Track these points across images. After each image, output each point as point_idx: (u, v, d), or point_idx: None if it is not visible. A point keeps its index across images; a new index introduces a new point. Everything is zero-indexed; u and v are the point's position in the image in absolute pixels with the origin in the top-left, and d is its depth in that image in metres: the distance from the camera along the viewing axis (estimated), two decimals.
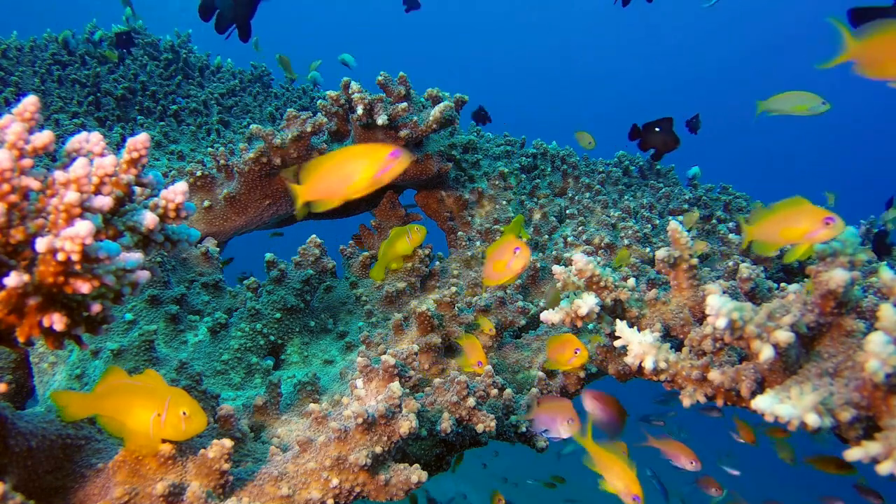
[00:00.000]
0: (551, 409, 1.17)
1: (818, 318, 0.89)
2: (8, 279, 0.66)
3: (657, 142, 2.22)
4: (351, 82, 1.72)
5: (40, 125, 0.72)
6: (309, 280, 1.52)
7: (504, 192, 2.04)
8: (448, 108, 1.72)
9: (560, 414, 1.15)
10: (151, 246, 0.82)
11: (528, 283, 1.73)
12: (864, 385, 0.79)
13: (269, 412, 1.19)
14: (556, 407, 1.17)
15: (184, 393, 0.89)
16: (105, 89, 2.51)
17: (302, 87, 3.01)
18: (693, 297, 1.10)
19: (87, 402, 0.88)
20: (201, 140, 2.46)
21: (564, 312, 1.08)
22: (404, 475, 0.93)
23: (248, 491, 0.91)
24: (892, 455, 0.74)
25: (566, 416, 1.15)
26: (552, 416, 1.16)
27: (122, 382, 0.87)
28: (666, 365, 0.98)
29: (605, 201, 2.07)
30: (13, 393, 1.36)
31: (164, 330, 1.38)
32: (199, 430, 0.88)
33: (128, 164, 0.79)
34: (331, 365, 1.48)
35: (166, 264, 1.51)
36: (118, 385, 0.87)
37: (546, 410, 1.17)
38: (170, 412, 0.86)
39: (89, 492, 0.89)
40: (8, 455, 0.82)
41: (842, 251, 0.92)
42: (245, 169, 1.68)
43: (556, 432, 1.15)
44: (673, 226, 1.10)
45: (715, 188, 2.41)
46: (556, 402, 1.18)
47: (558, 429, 1.15)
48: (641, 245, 1.80)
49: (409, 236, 1.62)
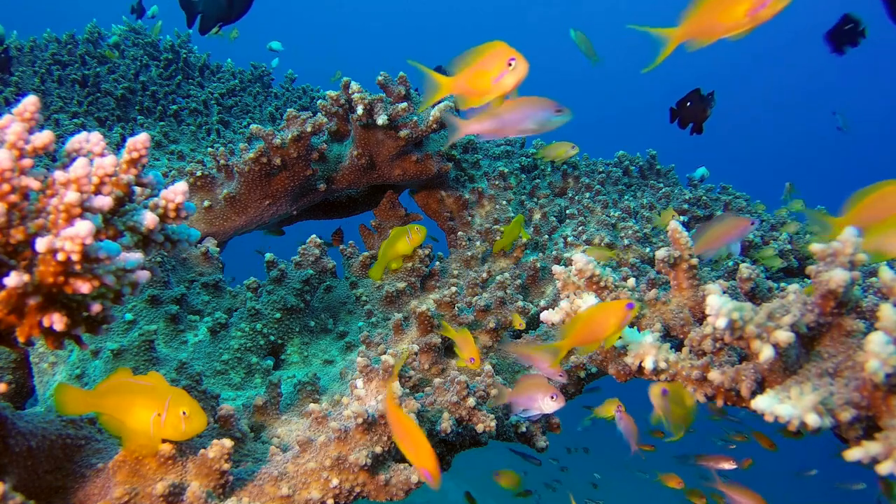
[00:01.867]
0: (528, 387, 1.14)
1: (818, 318, 0.89)
2: (8, 279, 0.66)
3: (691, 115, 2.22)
4: (351, 82, 1.72)
5: (40, 125, 0.72)
6: (309, 280, 1.52)
7: (504, 192, 2.04)
8: (448, 107, 1.72)
9: (540, 390, 1.13)
10: (151, 246, 0.82)
11: (528, 283, 1.73)
12: (864, 385, 0.79)
13: (269, 412, 1.19)
14: (534, 384, 1.14)
15: (184, 393, 0.89)
16: (105, 89, 2.51)
17: (302, 88, 3.01)
18: (693, 296, 1.10)
19: (88, 400, 0.88)
20: (201, 140, 2.46)
21: (564, 312, 1.08)
22: (404, 475, 0.93)
23: (248, 491, 0.91)
24: (892, 455, 0.73)
25: (547, 391, 1.12)
26: (531, 395, 1.13)
27: (124, 381, 0.87)
28: (666, 365, 0.98)
29: (605, 201, 2.07)
30: (13, 393, 1.36)
31: (164, 330, 1.38)
32: (199, 431, 0.88)
33: (128, 164, 0.79)
34: (331, 365, 1.48)
35: (166, 264, 1.51)
36: (120, 384, 0.87)
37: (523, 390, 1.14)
38: (170, 412, 0.86)
39: (89, 492, 0.89)
40: (8, 455, 0.82)
41: (842, 251, 0.92)
42: (245, 169, 1.68)
43: (538, 408, 1.12)
44: (673, 226, 1.10)
45: (715, 188, 2.41)
46: (532, 380, 1.15)
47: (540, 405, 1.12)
48: (641, 245, 1.80)
49: (409, 236, 1.62)
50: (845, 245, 0.89)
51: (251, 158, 1.66)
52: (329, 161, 1.83)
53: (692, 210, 2.11)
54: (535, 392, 1.13)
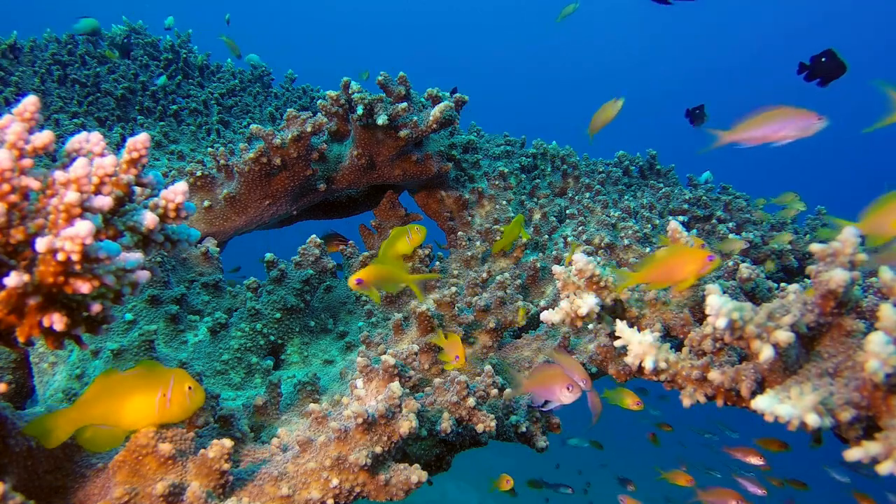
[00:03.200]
0: (545, 378, 1.11)
1: (818, 318, 0.89)
2: (8, 279, 0.66)
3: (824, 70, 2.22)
4: (351, 82, 1.72)
5: (40, 125, 0.72)
6: (309, 280, 1.52)
7: (504, 192, 2.04)
8: (448, 108, 1.72)
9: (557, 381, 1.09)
10: (151, 246, 0.82)
11: (528, 283, 1.73)
12: (864, 385, 0.79)
13: (269, 412, 1.19)
14: (550, 375, 1.11)
15: (183, 371, 0.91)
16: (105, 89, 2.51)
17: (302, 88, 3.01)
18: (693, 297, 1.10)
19: (71, 416, 0.84)
20: (201, 140, 2.46)
21: (564, 312, 1.08)
22: (404, 475, 0.93)
23: (248, 491, 0.91)
24: (892, 455, 0.73)
25: (564, 381, 1.08)
26: (548, 386, 1.10)
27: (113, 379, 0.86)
28: (666, 365, 0.98)
29: (605, 201, 2.07)
30: (13, 393, 1.36)
31: (164, 330, 1.38)
32: (201, 404, 0.91)
33: (128, 164, 0.79)
34: (331, 365, 1.48)
35: (166, 264, 1.51)
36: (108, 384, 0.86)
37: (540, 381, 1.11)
38: (175, 390, 0.87)
39: (89, 492, 0.89)
40: (8, 455, 0.82)
41: (842, 251, 0.92)
42: (245, 169, 1.68)
43: (557, 399, 1.09)
44: (673, 225, 1.10)
45: (715, 188, 2.41)
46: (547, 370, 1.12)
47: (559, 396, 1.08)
48: (641, 245, 1.80)
49: (409, 236, 1.62)
50: (845, 245, 0.89)
51: (251, 158, 1.66)
52: (329, 161, 1.83)
53: (692, 210, 2.11)
54: (552, 383, 1.09)
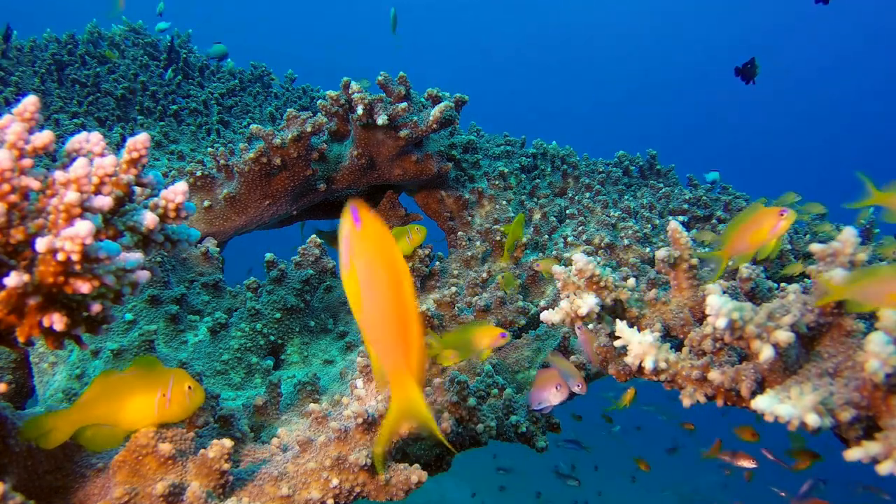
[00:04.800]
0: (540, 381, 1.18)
1: (818, 318, 0.89)
2: (8, 279, 0.66)
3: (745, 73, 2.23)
4: (351, 82, 1.72)
5: (40, 125, 0.72)
6: (309, 280, 1.52)
7: (504, 192, 2.04)
8: (448, 107, 1.72)
9: (548, 383, 1.16)
10: (151, 246, 0.82)
11: (528, 283, 1.73)
12: (864, 385, 0.79)
13: (269, 412, 1.19)
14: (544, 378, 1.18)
15: (183, 371, 0.90)
16: (105, 89, 2.51)
17: (302, 88, 3.01)
18: (693, 297, 1.10)
19: (71, 418, 0.84)
20: (201, 140, 2.46)
21: (564, 312, 1.08)
22: (404, 475, 0.93)
23: (248, 491, 0.91)
24: (892, 455, 0.73)
25: (553, 382, 1.15)
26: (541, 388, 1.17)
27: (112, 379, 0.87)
28: (666, 365, 0.97)
29: (605, 201, 2.07)
30: (13, 393, 1.36)
31: (164, 330, 1.38)
32: (201, 404, 0.90)
33: (128, 164, 0.79)
34: (331, 365, 1.48)
35: (166, 264, 1.51)
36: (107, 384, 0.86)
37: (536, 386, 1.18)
38: (175, 390, 0.87)
39: (89, 492, 0.89)
40: (8, 455, 0.82)
41: (842, 251, 0.92)
42: (245, 169, 1.68)
43: (547, 400, 1.16)
44: (673, 225, 1.10)
45: (715, 188, 2.41)
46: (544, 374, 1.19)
47: (548, 397, 1.16)
48: (641, 245, 1.80)
49: (409, 236, 1.62)
50: (845, 245, 0.89)
51: (251, 158, 1.66)
52: (329, 161, 1.83)
53: (692, 210, 2.11)
54: (544, 385, 1.16)
